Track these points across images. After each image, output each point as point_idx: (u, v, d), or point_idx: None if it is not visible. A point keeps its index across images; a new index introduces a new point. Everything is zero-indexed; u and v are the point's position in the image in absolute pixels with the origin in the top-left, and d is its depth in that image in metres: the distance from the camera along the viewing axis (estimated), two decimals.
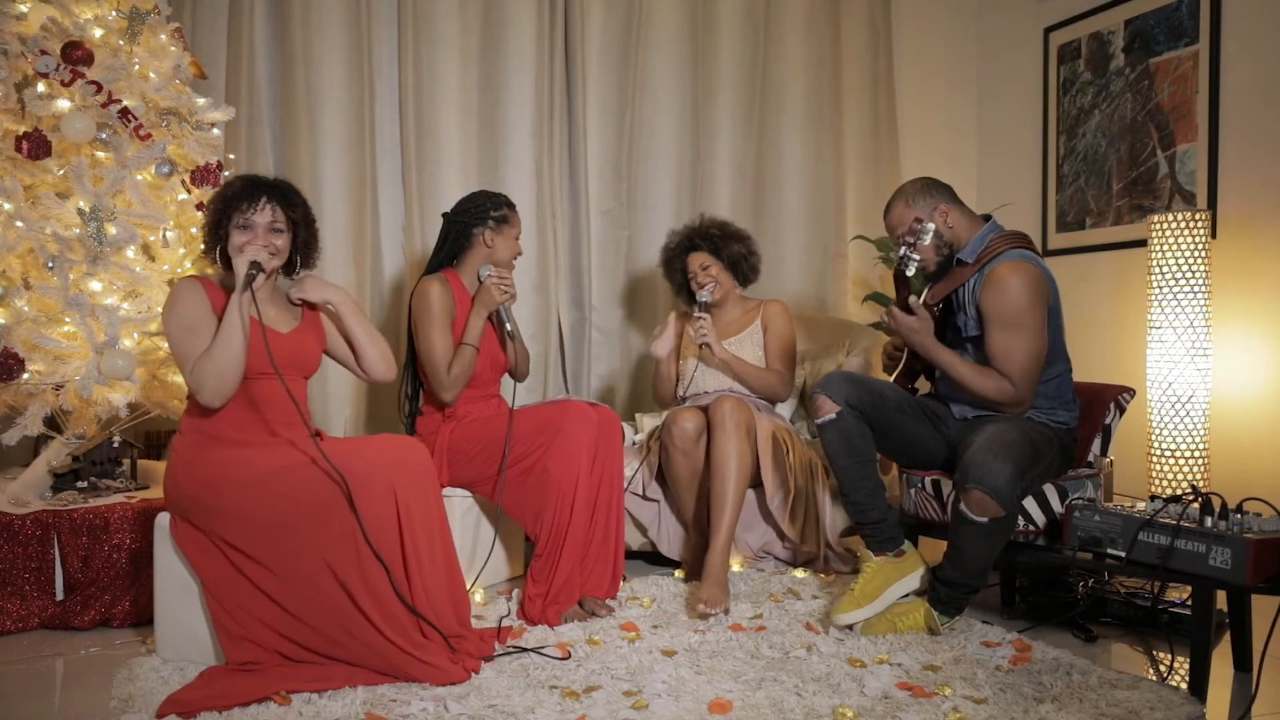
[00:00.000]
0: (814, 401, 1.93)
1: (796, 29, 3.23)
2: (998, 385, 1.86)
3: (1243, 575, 1.55)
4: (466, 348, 2.11)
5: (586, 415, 2.00)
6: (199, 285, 1.74)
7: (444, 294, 2.12)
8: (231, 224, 1.72)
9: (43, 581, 1.97)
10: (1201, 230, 2.42)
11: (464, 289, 2.19)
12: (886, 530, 1.90)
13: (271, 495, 1.62)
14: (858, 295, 3.34)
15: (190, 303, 1.70)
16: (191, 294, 1.71)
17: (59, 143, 2.11)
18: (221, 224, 1.72)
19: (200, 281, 1.75)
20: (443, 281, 2.14)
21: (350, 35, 2.76)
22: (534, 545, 1.98)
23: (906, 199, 1.98)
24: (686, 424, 2.19)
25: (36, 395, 2.04)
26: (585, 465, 1.96)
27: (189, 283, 1.74)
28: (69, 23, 2.14)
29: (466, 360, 2.10)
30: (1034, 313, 1.83)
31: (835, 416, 1.88)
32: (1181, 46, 2.74)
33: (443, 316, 2.11)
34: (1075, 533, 1.79)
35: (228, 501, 1.64)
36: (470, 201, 2.22)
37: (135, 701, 1.54)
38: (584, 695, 1.56)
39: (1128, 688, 1.57)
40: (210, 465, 1.68)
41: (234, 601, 1.64)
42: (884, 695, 1.56)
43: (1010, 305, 1.82)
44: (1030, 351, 1.84)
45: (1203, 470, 2.44)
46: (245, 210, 1.71)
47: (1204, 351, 2.43)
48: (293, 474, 1.63)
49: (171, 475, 1.72)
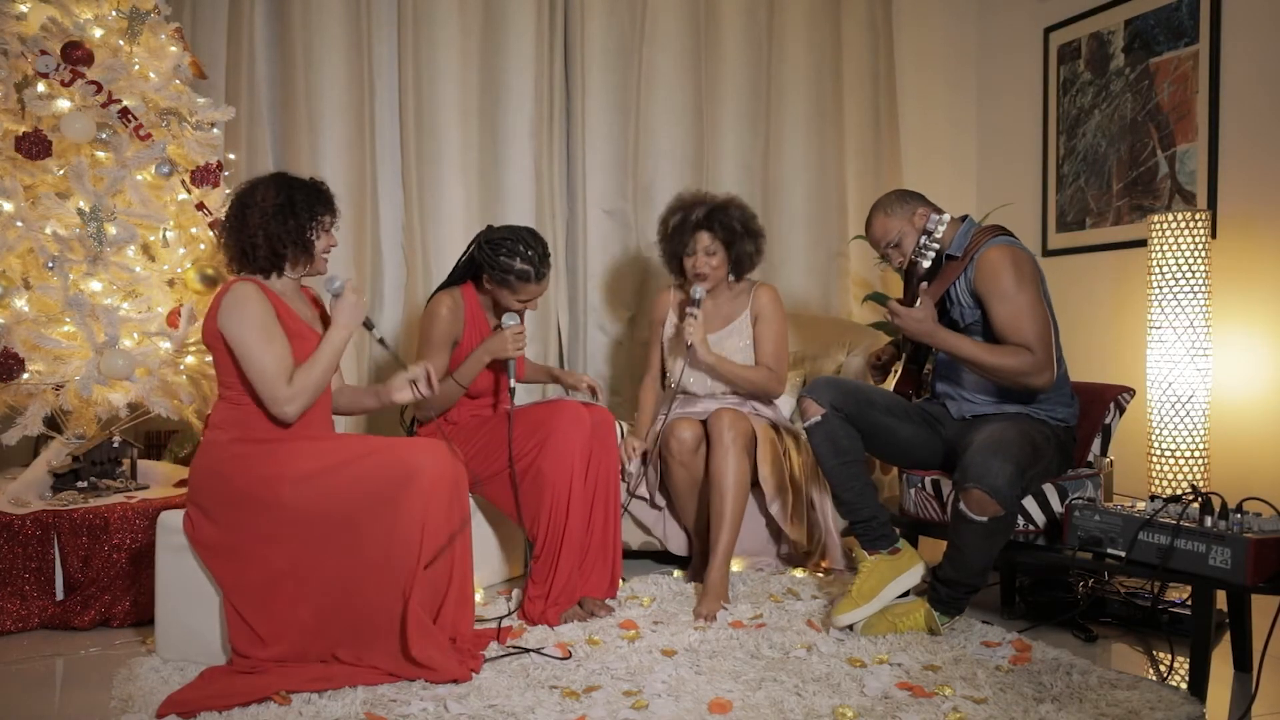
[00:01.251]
0: (800, 406, 1.98)
1: (798, 29, 3.23)
2: (1017, 356, 1.84)
3: (1243, 575, 1.55)
4: (455, 386, 2.04)
5: (579, 415, 1.98)
6: (260, 289, 1.72)
7: (451, 318, 2.09)
8: (319, 228, 1.78)
9: (43, 581, 1.97)
10: (1201, 230, 2.42)
11: (478, 306, 2.16)
12: (878, 528, 1.91)
13: (335, 487, 1.63)
14: (858, 295, 3.33)
15: (263, 307, 1.69)
16: (259, 299, 1.69)
17: (59, 143, 2.11)
18: (311, 225, 1.76)
19: (258, 285, 1.73)
20: (454, 301, 2.11)
21: (350, 35, 2.76)
22: (533, 546, 1.98)
23: (885, 209, 2.02)
24: (685, 435, 2.16)
25: (36, 395, 2.04)
26: (579, 466, 1.95)
27: (251, 287, 1.71)
28: (69, 22, 2.14)
29: (449, 397, 2.06)
30: (1032, 284, 1.87)
31: (820, 419, 1.92)
32: (1181, 46, 2.74)
33: (441, 340, 2.08)
34: (1075, 532, 1.79)
35: (287, 496, 1.63)
36: (494, 245, 2.05)
37: (135, 701, 1.54)
38: (584, 695, 1.56)
39: (1128, 688, 1.57)
40: (267, 460, 1.67)
41: (261, 601, 1.64)
42: (884, 695, 1.56)
43: (1008, 278, 1.86)
44: (1038, 316, 1.86)
45: (1203, 470, 2.44)
46: (332, 214, 1.80)
47: (1204, 351, 2.43)
48: (354, 466, 1.64)
49: (212, 472, 1.69)
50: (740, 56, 3.16)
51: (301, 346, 1.74)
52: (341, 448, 1.69)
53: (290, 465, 1.66)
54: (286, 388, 1.67)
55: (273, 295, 1.74)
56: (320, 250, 1.81)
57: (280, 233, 1.73)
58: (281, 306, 1.75)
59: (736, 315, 2.37)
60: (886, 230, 2.00)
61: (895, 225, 1.98)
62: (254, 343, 1.66)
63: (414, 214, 2.84)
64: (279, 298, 1.76)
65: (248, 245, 1.74)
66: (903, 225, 1.98)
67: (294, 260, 1.78)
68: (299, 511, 1.64)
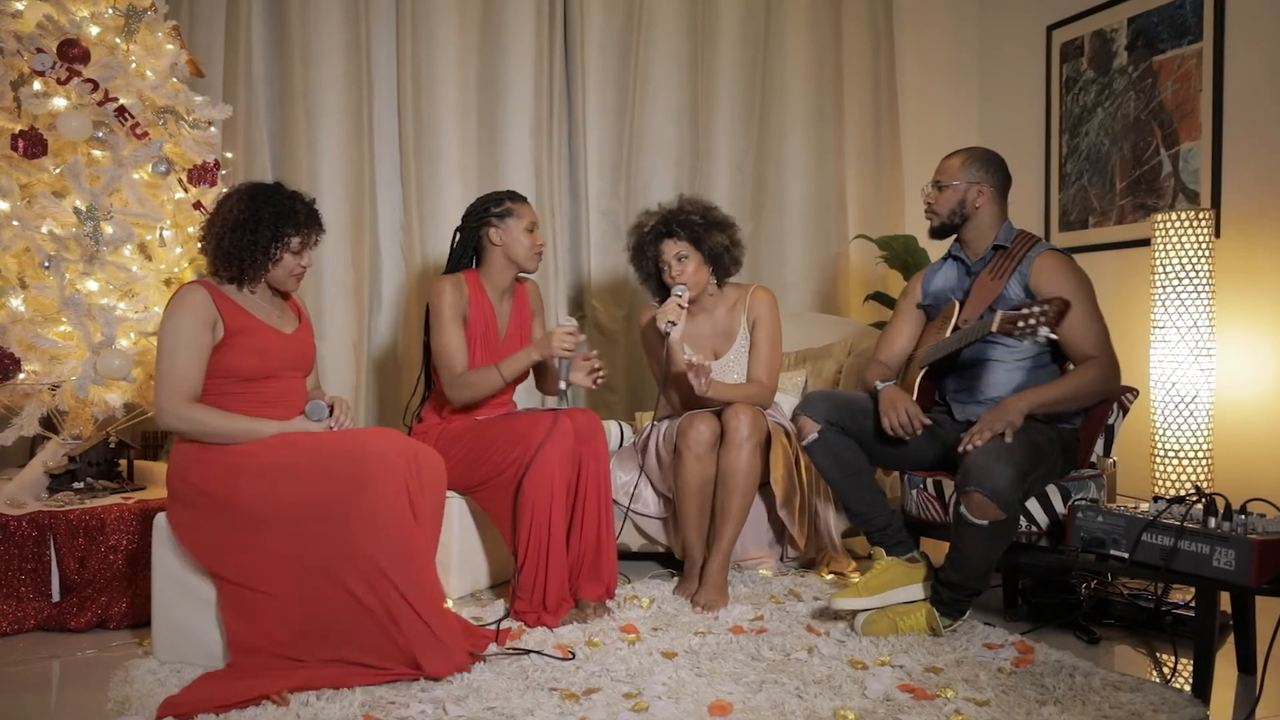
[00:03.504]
0: (796, 423, 1.98)
1: (798, 28, 3.22)
2: (1090, 371, 1.85)
3: (1246, 576, 1.54)
4: (494, 374, 2.03)
5: (562, 430, 1.95)
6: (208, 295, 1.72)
7: (455, 293, 2.09)
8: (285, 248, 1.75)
9: (39, 583, 1.96)
10: (1205, 229, 2.41)
11: (482, 290, 2.16)
12: (894, 535, 1.93)
13: (291, 480, 1.62)
14: (858, 295, 3.32)
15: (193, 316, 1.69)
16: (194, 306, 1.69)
17: (55, 141, 2.10)
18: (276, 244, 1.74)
19: (208, 290, 1.73)
20: (456, 281, 2.12)
21: (348, 33, 2.74)
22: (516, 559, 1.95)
23: (965, 159, 2.03)
24: (702, 429, 2.10)
25: (32, 395, 2.04)
26: (560, 483, 1.93)
27: (196, 294, 1.71)
28: (65, 20, 2.12)
29: (485, 384, 2.04)
30: (1090, 291, 1.91)
31: (818, 436, 1.93)
32: (1185, 44, 2.72)
33: (452, 314, 2.08)
34: (1078, 534, 1.78)
35: (245, 491, 1.63)
36: (474, 205, 2.18)
37: (132, 704, 1.54)
38: (583, 697, 1.55)
39: (1131, 690, 1.56)
40: (227, 454, 1.67)
41: (244, 600, 1.63)
42: (886, 697, 1.55)
43: (1069, 282, 1.88)
44: (1099, 321, 1.89)
45: (1206, 471, 2.42)
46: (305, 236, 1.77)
47: (1208, 351, 2.42)
48: (309, 456, 1.64)
49: (180, 471, 1.71)
50: (738, 55, 3.14)
51: (244, 344, 1.72)
52: (297, 440, 1.69)
53: (247, 460, 1.66)
54: (176, 402, 1.67)
55: (220, 297, 1.73)
56: (286, 272, 1.77)
57: (233, 249, 1.72)
58: (229, 307, 1.73)
59: (736, 329, 2.29)
60: (948, 170, 2.02)
61: (956, 174, 2.00)
62: (164, 348, 1.69)
63: (413, 213, 2.83)
64: (227, 298, 1.75)
65: (209, 253, 1.76)
66: (963, 183, 1.99)
67: (252, 277, 1.76)
68: (258, 506, 1.63)
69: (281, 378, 1.78)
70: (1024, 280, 1.93)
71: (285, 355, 1.79)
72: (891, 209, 3.37)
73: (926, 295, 2.13)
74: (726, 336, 2.30)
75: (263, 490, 1.64)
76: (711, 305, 2.30)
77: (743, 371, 2.28)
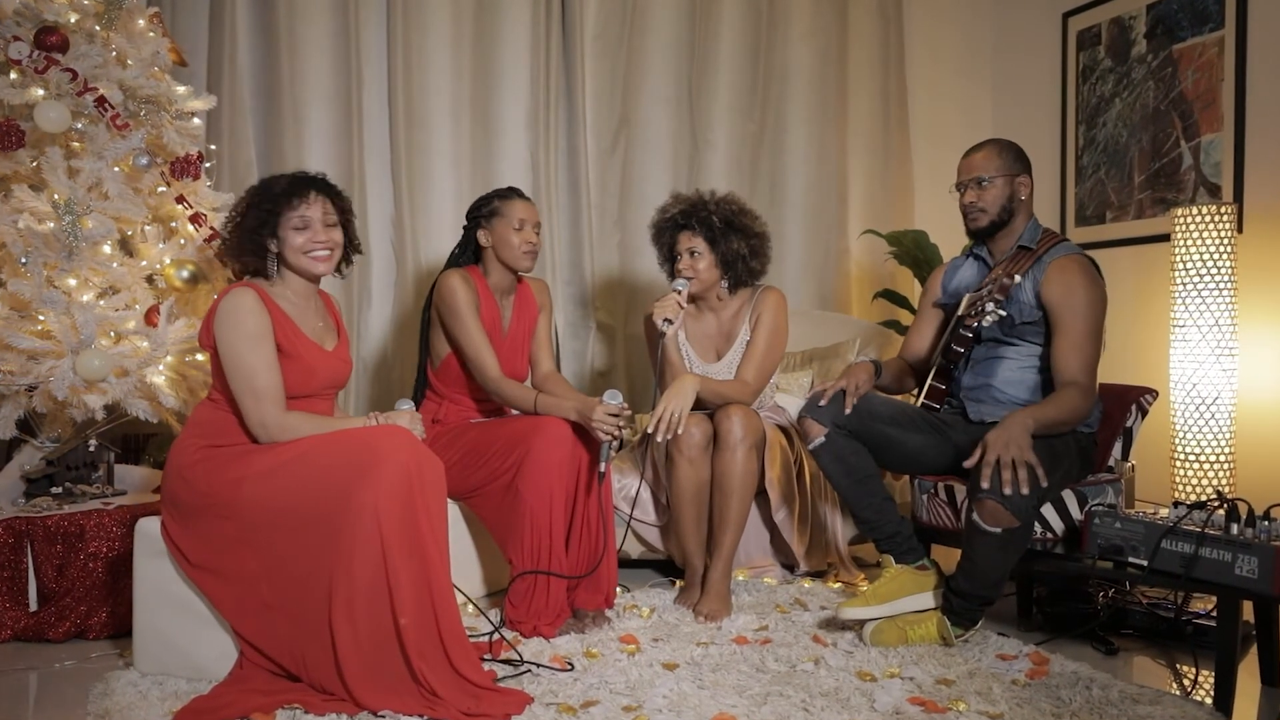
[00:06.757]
0: (801, 426, 1.92)
1: (802, 15, 3.18)
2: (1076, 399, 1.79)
3: (1270, 585, 1.51)
4: (529, 404, 1.97)
5: (561, 434, 1.91)
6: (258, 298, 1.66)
7: (466, 288, 2.05)
8: (283, 225, 1.69)
9: (15, 592, 1.93)
10: (1227, 224, 2.36)
11: (486, 286, 2.13)
12: (904, 542, 1.89)
13: (296, 481, 1.57)
14: (864, 292, 3.28)
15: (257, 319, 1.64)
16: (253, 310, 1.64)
17: (33, 133, 2.06)
18: (268, 224, 1.70)
19: (257, 293, 1.68)
20: (464, 276, 2.08)
21: (337, 21, 2.70)
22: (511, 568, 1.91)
23: (996, 150, 1.95)
24: (694, 431, 2.04)
25: (9, 396, 2.00)
26: (560, 488, 1.89)
27: (247, 297, 1.65)
28: (43, 7, 2.09)
29: (516, 403, 2.00)
30: (1101, 308, 1.86)
31: (825, 439, 1.88)
32: (1206, 32, 2.67)
33: (471, 311, 2.03)
34: (1095, 541, 1.75)
35: (247, 494, 1.59)
36: (472, 204, 2.15)
37: (111, 717, 1.51)
38: (581, 710, 1.52)
39: (1150, 703, 1.53)
40: (231, 463, 1.63)
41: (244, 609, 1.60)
42: (895, 711, 1.51)
43: (1083, 296, 1.83)
44: (1093, 345, 1.84)
45: (1228, 475, 2.39)
46: (296, 207, 1.70)
47: (1230, 351, 2.38)
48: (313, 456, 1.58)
49: (179, 477, 1.66)
50: (738, 45, 3.09)
51: (292, 367, 1.68)
52: (303, 440, 1.64)
53: (253, 464, 1.63)
54: (275, 413, 1.63)
55: (272, 305, 1.69)
56: (298, 250, 1.72)
57: (236, 244, 1.73)
58: (280, 318, 1.69)
59: (738, 332, 2.22)
60: (986, 165, 1.94)
61: (996, 168, 1.93)
62: (245, 353, 1.64)
63: (404, 208, 2.78)
64: (279, 308, 1.71)
65: (228, 255, 1.77)
66: (1001, 177, 1.92)
67: (262, 268, 1.74)
68: (261, 509, 1.58)
69: (319, 397, 1.76)
70: (1036, 283, 1.88)
71: (328, 375, 1.76)
72: (901, 204, 3.33)
73: (946, 293, 2.09)
74: (729, 336, 2.25)
75: (266, 492, 1.59)
76: (720, 305, 2.25)
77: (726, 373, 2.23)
